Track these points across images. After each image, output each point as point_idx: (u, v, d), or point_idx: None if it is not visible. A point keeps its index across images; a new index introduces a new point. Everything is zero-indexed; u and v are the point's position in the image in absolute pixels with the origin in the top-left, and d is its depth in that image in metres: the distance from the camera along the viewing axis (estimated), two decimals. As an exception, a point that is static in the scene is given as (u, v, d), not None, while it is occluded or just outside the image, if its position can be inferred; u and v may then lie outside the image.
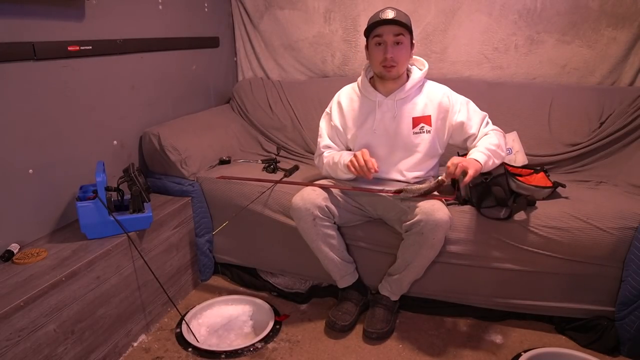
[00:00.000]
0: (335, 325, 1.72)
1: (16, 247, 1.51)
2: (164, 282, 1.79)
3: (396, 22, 1.56)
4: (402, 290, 1.73)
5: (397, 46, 1.59)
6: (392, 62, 1.60)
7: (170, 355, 1.65)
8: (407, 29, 1.59)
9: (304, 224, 1.66)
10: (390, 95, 1.68)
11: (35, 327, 1.28)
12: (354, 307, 1.77)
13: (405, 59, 1.64)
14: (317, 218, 1.63)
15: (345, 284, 1.78)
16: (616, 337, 1.58)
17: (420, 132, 1.69)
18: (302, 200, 1.64)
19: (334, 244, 1.70)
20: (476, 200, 1.68)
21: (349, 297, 1.78)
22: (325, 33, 2.59)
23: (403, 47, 1.60)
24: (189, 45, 2.40)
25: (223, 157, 2.20)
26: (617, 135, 1.99)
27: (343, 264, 1.74)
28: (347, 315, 1.73)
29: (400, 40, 1.59)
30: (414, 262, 1.62)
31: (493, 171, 1.70)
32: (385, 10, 1.59)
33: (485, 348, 1.65)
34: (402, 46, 1.60)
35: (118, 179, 1.68)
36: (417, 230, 1.55)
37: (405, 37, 1.60)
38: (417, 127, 1.69)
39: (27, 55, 1.52)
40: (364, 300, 1.81)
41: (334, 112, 1.80)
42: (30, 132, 1.57)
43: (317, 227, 1.65)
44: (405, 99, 1.69)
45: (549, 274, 1.63)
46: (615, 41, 2.14)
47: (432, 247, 1.59)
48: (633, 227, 1.52)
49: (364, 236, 1.77)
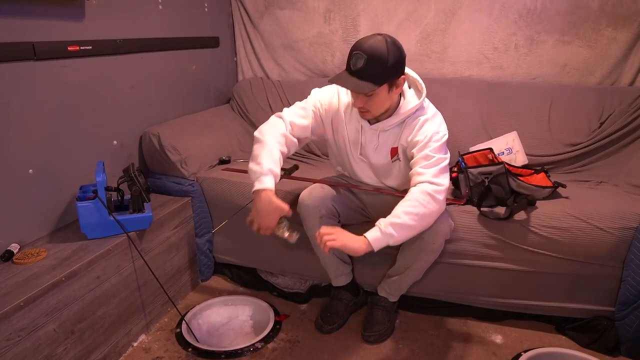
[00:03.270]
0: (322, 328, 1.74)
1: (16, 247, 1.51)
2: (164, 282, 1.79)
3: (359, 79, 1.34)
4: (400, 291, 1.73)
5: (366, 96, 1.39)
6: (361, 109, 1.46)
7: (170, 355, 1.65)
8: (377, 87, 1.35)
9: (311, 220, 1.64)
10: (374, 125, 1.53)
11: (35, 327, 1.28)
12: (343, 307, 1.78)
13: (379, 105, 1.43)
14: (324, 216, 1.63)
15: (339, 284, 1.79)
16: (616, 337, 1.58)
17: (396, 161, 1.59)
18: (311, 198, 1.63)
19: None
20: (477, 200, 1.68)
21: (340, 296, 1.79)
22: (325, 33, 2.59)
23: (374, 97, 1.39)
24: (189, 45, 2.40)
25: (223, 157, 2.20)
26: (617, 135, 1.99)
27: (341, 263, 1.75)
28: (336, 316, 1.75)
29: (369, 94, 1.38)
30: (413, 265, 1.62)
31: (494, 171, 1.70)
32: (353, 55, 1.34)
33: (485, 348, 1.65)
34: (373, 96, 1.39)
35: (118, 179, 1.68)
36: (417, 235, 1.52)
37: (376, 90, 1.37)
38: (395, 156, 1.58)
39: (27, 55, 1.52)
40: (354, 300, 1.82)
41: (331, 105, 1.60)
42: (30, 132, 1.57)
43: (323, 225, 1.64)
44: (389, 131, 1.53)
45: (549, 274, 1.63)
46: (615, 41, 2.14)
47: (432, 252, 1.59)
48: (633, 227, 1.52)
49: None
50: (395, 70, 1.37)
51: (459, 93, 2.26)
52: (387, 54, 1.33)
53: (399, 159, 1.58)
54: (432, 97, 1.55)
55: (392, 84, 1.39)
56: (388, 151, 1.57)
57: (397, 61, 1.36)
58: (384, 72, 1.35)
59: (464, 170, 1.74)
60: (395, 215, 1.38)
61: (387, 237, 1.37)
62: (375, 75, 1.34)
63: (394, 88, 1.41)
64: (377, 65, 1.33)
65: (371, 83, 1.35)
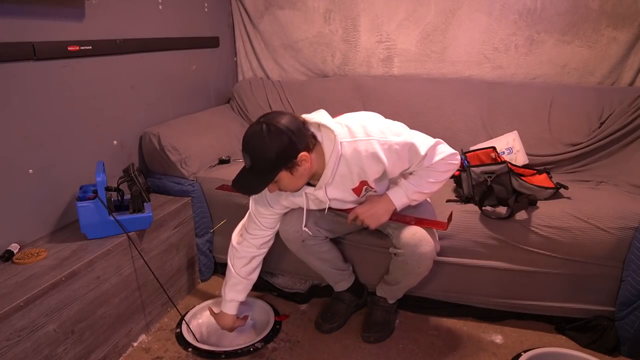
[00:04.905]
0: (322, 327, 1.74)
1: (16, 247, 1.51)
2: (164, 282, 1.79)
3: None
4: (396, 297, 1.73)
5: (274, 183, 1.35)
6: (280, 192, 1.42)
7: (170, 355, 1.65)
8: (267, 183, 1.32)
9: (293, 246, 1.64)
10: (318, 186, 1.42)
11: (35, 327, 1.28)
12: (344, 307, 1.78)
13: (293, 185, 1.38)
14: (306, 239, 1.60)
15: (341, 289, 1.79)
16: (616, 337, 1.58)
17: (367, 192, 1.48)
18: (289, 225, 1.58)
19: (326, 258, 1.69)
20: (478, 199, 1.68)
21: (341, 297, 1.79)
22: (325, 33, 2.59)
23: (280, 181, 1.34)
24: (189, 45, 2.40)
25: (223, 157, 2.20)
26: (617, 135, 1.99)
27: (338, 272, 1.74)
28: (336, 317, 1.75)
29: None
30: (403, 282, 1.63)
31: (497, 170, 1.70)
32: (242, 154, 1.32)
33: (485, 348, 1.65)
34: (279, 182, 1.35)
35: (118, 179, 1.68)
36: (402, 259, 1.52)
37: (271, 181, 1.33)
38: (362, 191, 1.46)
39: (27, 55, 1.52)
40: (357, 301, 1.81)
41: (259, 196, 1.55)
42: (30, 132, 1.57)
43: (307, 247, 1.63)
44: (333, 182, 1.41)
45: (549, 274, 1.63)
46: (615, 41, 2.14)
47: (419, 274, 1.57)
48: (633, 227, 1.52)
49: (360, 239, 1.76)
50: (284, 158, 1.28)
51: (459, 93, 2.27)
52: (268, 147, 1.26)
53: (371, 191, 1.47)
54: (432, 97, 1.54)
55: (290, 167, 1.31)
56: (351, 193, 1.46)
57: (283, 149, 1.27)
58: (271, 166, 1.29)
59: (467, 169, 1.74)
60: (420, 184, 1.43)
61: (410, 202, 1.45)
62: (264, 170, 1.30)
63: (296, 168, 1.31)
64: (261, 161, 1.29)
65: (263, 177, 1.32)
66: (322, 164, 1.37)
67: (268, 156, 1.27)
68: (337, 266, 1.73)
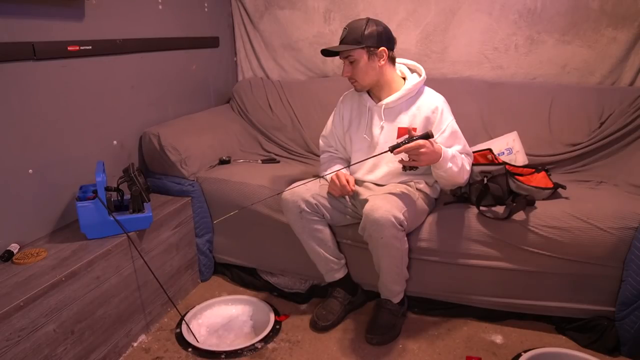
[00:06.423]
0: (316, 324, 1.75)
1: (16, 247, 1.51)
2: (163, 282, 1.79)
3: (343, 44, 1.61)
4: (392, 293, 1.72)
5: (350, 64, 1.62)
6: (350, 79, 1.67)
7: (170, 355, 1.65)
8: (355, 47, 1.58)
9: (290, 215, 1.70)
10: (380, 103, 1.69)
11: (35, 327, 1.28)
12: (338, 305, 1.78)
13: (363, 74, 1.63)
14: (304, 211, 1.66)
15: (330, 279, 1.80)
16: (616, 337, 1.58)
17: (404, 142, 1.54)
18: (291, 193, 1.68)
19: (321, 238, 1.72)
20: (475, 199, 1.68)
21: (335, 294, 1.80)
22: (325, 33, 2.59)
23: (356, 64, 1.61)
24: (189, 45, 2.40)
25: (223, 157, 2.21)
26: (617, 135, 1.99)
27: (329, 259, 1.75)
28: (331, 315, 1.76)
29: (351, 59, 1.61)
30: (382, 265, 1.63)
31: (495, 170, 1.70)
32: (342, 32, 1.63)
33: (485, 348, 1.65)
34: (355, 63, 1.61)
35: (118, 179, 1.68)
36: (367, 234, 1.58)
37: (355, 54, 1.59)
38: (402, 138, 1.60)
39: (27, 55, 1.53)
40: (350, 299, 1.82)
41: (336, 113, 1.85)
42: (30, 132, 1.57)
43: (304, 221, 1.68)
44: (394, 108, 1.68)
45: (549, 274, 1.63)
46: (615, 41, 2.13)
47: (387, 246, 1.56)
48: (633, 227, 1.52)
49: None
50: (370, 38, 1.58)
51: (459, 93, 2.26)
52: (364, 25, 1.58)
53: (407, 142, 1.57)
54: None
55: (371, 52, 1.59)
56: (395, 130, 1.68)
57: (374, 33, 1.58)
58: (359, 37, 1.57)
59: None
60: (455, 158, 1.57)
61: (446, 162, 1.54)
62: (352, 40, 1.59)
63: (374, 57, 1.60)
64: (354, 33, 1.59)
65: (348, 45, 1.59)
66: (391, 82, 1.67)
67: (361, 31, 1.58)
68: (331, 252, 1.75)
